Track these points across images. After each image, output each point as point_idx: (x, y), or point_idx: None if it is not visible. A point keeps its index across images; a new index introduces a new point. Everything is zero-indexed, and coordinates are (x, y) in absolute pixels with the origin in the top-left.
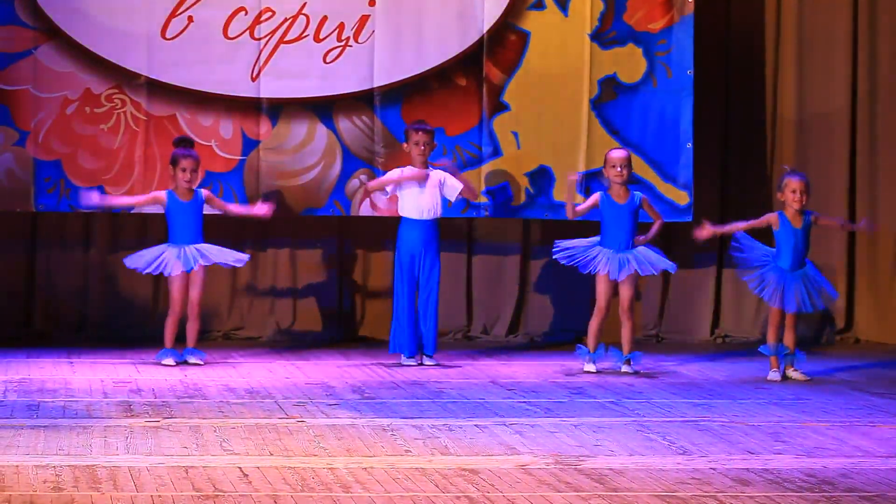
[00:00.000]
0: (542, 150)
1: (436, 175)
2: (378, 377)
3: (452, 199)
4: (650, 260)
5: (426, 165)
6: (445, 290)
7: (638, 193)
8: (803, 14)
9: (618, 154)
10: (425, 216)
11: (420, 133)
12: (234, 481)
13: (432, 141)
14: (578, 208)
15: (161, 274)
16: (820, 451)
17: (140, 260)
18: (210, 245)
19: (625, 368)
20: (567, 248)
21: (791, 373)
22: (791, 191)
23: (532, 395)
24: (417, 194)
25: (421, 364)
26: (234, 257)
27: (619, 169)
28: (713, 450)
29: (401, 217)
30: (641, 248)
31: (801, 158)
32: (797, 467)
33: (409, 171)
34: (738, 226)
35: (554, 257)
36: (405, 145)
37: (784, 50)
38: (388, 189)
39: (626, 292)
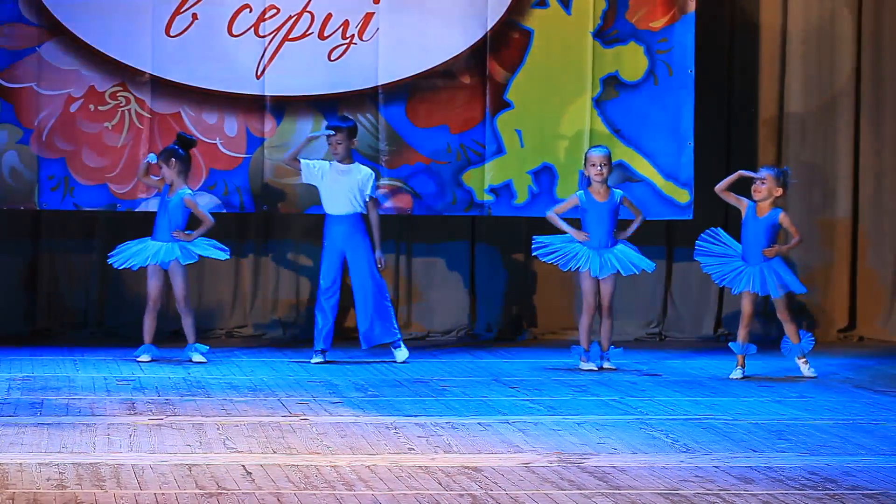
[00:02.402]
0: (545, 147)
1: (358, 171)
2: (381, 375)
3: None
4: (631, 259)
5: (351, 160)
6: (450, 289)
7: (619, 191)
8: (809, 11)
9: (598, 153)
10: (345, 210)
11: (338, 134)
12: (237, 479)
13: (352, 137)
14: (557, 209)
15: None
16: (823, 450)
17: (124, 257)
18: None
19: (605, 365)
20: (547, 245)
21: (804, 369)
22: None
23: (535, 392)
24: (336, 189)
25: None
26: (213, 251)
27: (598, 168)
28: (716, 448)
29: (325, 214)
30: (621, 247)
31: (804, 155)
32: (800, 465)
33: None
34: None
35: (534, 254)
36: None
37: (789, 48)
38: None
39: (606, 290)
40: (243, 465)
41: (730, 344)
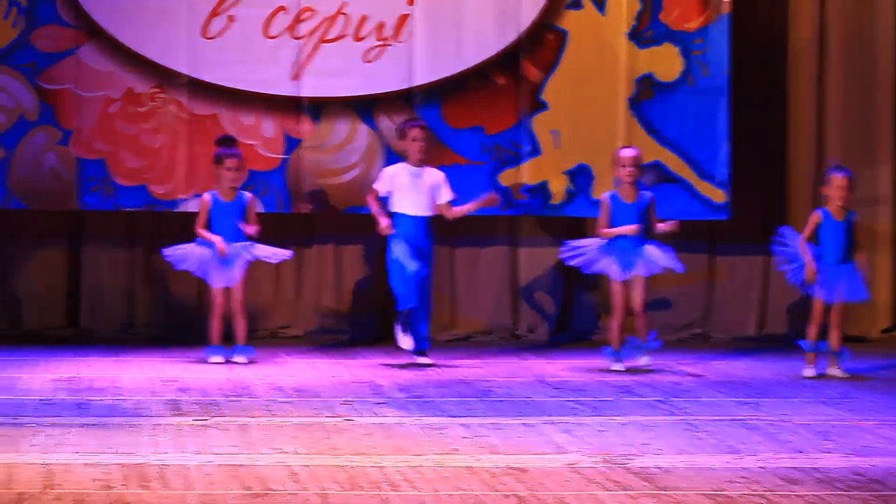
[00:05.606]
0: (581, 148)
1: (431, 175)
2: (425, 376)
3: (441, 202)
4: (655, 258)
5: (423, 163)
6: (492, 290)
7: (648, 193)
8: (846, 11)
9: (627, 153)
10: (419, 213)
11: (416, 129)
12: (283, 480)
13: (429, 136)
14: (601, 229)
15: None
16: (869, 450)
17: (183, 257)
18: (250, 243)
19: (642, 360)
20: (575, 248)
21: (832, 370)
22: (837, 187)
23: (579, 393)
24: (413, 191)
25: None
26: (277, 255)
27: (629, 168)
28: (762, 448)
29: (393, 213)
30: (649, 247)
31: (844, 157)
32: (846, 466)
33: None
34: (802, 240)
35: (560, 257)
36: (401, 143)
37: (826, 45)
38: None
39: (637, 292)
40: (289, 466)
41: (798, 342)
